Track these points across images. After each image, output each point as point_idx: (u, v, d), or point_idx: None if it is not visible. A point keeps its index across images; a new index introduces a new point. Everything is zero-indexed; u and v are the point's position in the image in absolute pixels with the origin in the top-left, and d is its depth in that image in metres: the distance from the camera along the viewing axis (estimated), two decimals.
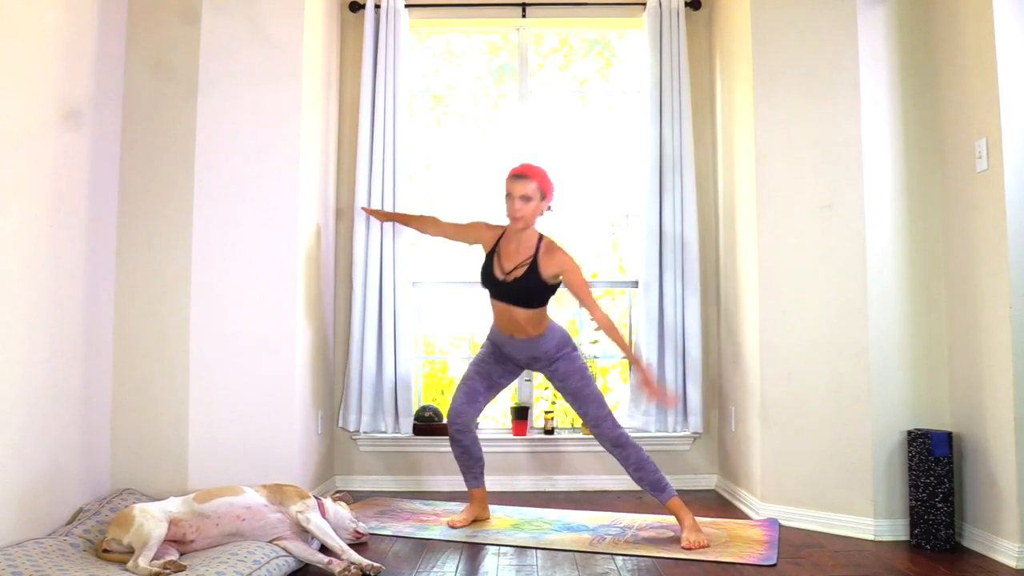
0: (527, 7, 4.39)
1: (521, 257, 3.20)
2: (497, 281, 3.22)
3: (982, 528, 2.91)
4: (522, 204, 3.15)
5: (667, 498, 3.11)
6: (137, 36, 3.34)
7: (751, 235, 3.59)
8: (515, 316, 3.21)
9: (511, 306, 3.20)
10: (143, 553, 2.41)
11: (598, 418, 3.18)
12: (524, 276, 3.17)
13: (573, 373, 3.23)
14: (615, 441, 3.16)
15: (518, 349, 3.28)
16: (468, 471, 3.39)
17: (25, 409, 2.64)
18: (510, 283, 3.18)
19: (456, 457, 3.39)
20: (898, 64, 3.29)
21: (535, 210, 3.18)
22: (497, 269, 3.23)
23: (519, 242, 3.23)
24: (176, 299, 3.29)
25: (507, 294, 3.20)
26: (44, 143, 2.77)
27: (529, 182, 3.15)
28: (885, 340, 3.20)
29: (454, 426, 3.33)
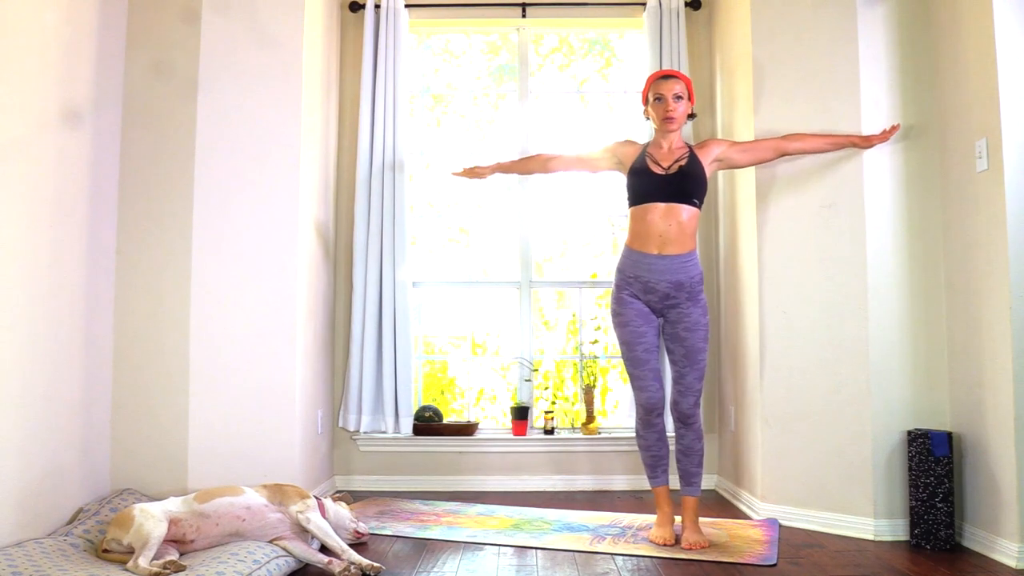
0: (527, 7, 4.39)
1: (676, 155, 3.06)
2: (659, 176, 3.01)
3: (982, 528, 2.91)
4: (676, 103, 3.04)
5: (687, 493, 3.06)
6: (137, 36, 3.35)
7: (751, 235, 3.59)
8: (678, 217, 2.98)
9: (675, 204, 2.98)
10: (143, 553, 2.42)
11: (692, 388, 3.02)
12: (687, 165, 3.03)
13: (703, 328, 3.02)
14: (688, 418, 3.03)
15: (665, 271, 2.98)
16: (659, 463, 3.10)
17: (25, 409, 2.64)
18: (674, 174, 3.01)
19: (647, 447, 3.09)
20: (898, 64, 3.29)
21: (686, 110, 3.10)
22: (655, 167, 3.04)
23: (669, 144, 3.09)
24: (176, 299, 3.29)
25: (671, 188, 2.99)
26: (44, 143, 2.77)
27: (678, 82, 3.06)
28: (885, 340, 3.20)
29: (654, 411, 3.04)
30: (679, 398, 3.05)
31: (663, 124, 3.07)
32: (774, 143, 3.23)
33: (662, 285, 3.00)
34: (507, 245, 4.49)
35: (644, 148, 3.15)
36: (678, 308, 3.03)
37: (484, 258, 4.57)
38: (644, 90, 3.16)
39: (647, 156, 3.10)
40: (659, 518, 3.11)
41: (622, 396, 4.40)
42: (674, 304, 3.03)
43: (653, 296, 3.03)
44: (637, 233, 3.05)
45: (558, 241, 4.60)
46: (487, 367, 4.62)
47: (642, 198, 3.05)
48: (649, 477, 3.15)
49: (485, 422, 4.43)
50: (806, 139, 3.23)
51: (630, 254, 3.07)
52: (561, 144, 4.45)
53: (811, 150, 3.25)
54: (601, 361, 4.41)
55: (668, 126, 3.07)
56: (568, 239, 4.61)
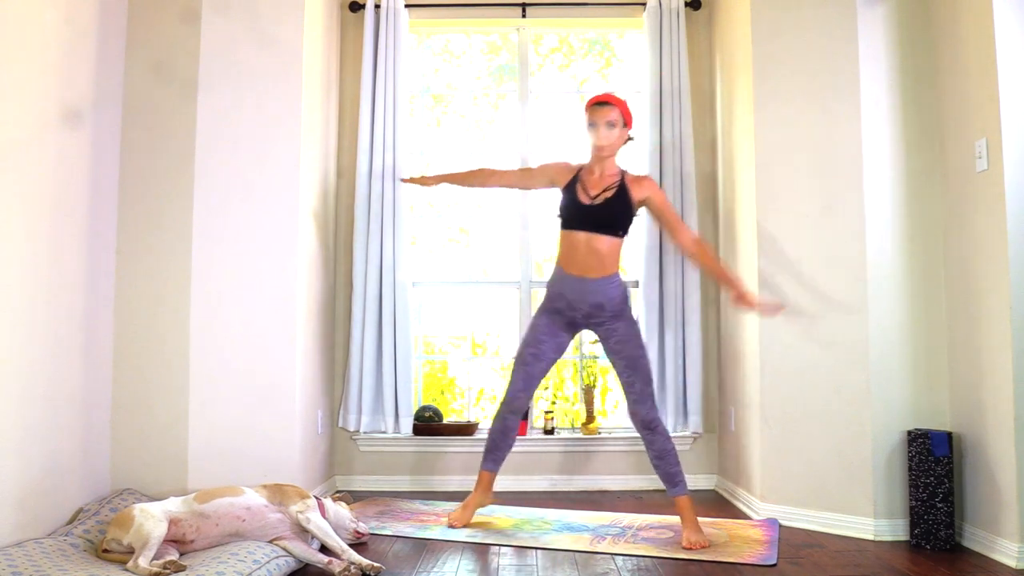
0: (527, 7, 4.39)
1: (607, 183, 3.14)
2: (584, 206, 3.12)
3: (982, 528, 2.91)
4: (608, 131, 3.10)
5: (676, 493, 3.08)
6: (137, 36, 3.34)
7: (751, 235, 3.59)
8: (597, 246, 3.10)
9: (595, 234, 3.10)
10: (143, 553, 2.42)
11: (643, 394, 3.11)
12: (614, 197, 3.10)
13: (634, 337, 3.14)
14: (649, 423, 3.10)
15: (587, 293, 3.12)
16: (495, 452, 3.30)
17: (25, 409, 2.64)
18: (599, 205, 3.10)
19: (491, 434, 3.30)
20: (898, 64, 3.29)
21: (620, 137, 3.14)
22: (582, 195, 3.14)
23: (602, 170, 3.17)
24: (176, 299, 3.29)
25: (595, 218, 3.10)
26: (44, 143, 2.77)
27: (612, 108, 3.11)
28: (885, 340, 3.20)
29: (509, 407, 3.25)
30: (636, 407, 3.13)
31: (594, 150, 3.16)
32: (686, 240, 3.18)
33: (583, 305, 3.15)
34: (507, 245, 4.49)
35: (578, 171, 3.23)
36: (604, 326, 3.17)
37: (484, 258, 4.57)
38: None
39: (578, 181, 3.19)
40: (467, 500, 3.31)
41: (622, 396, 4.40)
42: (599, 322, 3.18)
43: (577, 313, 3.18)
44: (562, 254, 3.21)
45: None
46: (487, 367, 4.62)
47: (567, 223, 3.18)
48: (482, 460, 3.34)
49: (485, 422, 4.42)
50: (706, 256, 3.22)
51: (557, 271, 3.23)
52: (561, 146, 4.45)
53: (703, 265, 3.26)
54: (601, 361, 4.41)
55: (598, 152, 3.15)
56: None
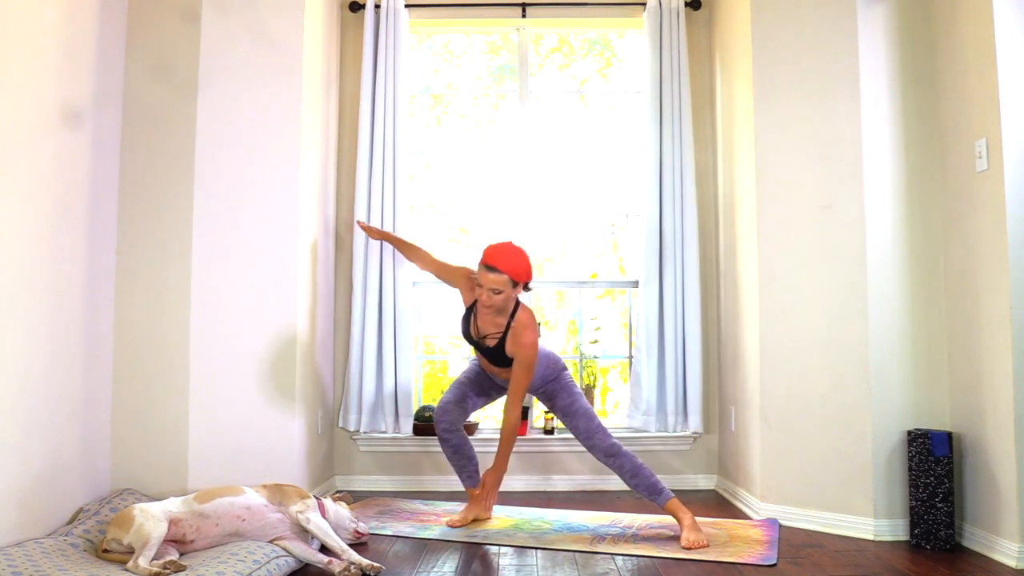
0: (527, 7, 4.39)
1: (494, 328, 3.24)
2: (473, 339, 3.31)
3: (982, 528, 2.91)
4: (491, 296, 3.13)
5: (665, 500, 3.12)
6: (137, 36, 3.34)
7: (751, 235, 3.59)
8: (494, 370, 3.33)
9: (488, 363, 3.32)
10: (143, 553, 2.41)
11: (589, 431, 3.22)
12: (496, 346, 3.23)
13: (559, 392, 3.29)
14: (608, 451, 3.19)
15: (505, 382, 3.34)
16: (462, 471, 3.41)
17: (25, 409, 2.64)
18: (485, 347, 3.27)
19: (448, 457, 3.42)
20: (898, 64, 3.29)
21: (507, 298, 3.15)
22: (473, 329, 3.31)
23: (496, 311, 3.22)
24: (176, 299, 3.29)
25: (483, 353, 3.30)
26: (44, 143, 2.77)
27: (500, 275, 3.09)
28: (885, 340, 3.20)
29: (440, 424, 3.35)
30: (589, 443, 3.23)
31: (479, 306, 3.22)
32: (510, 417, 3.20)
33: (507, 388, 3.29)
34: None
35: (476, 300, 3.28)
36: (539, 392, 3.35)
37: None
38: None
39: (474, 310, 3.30)
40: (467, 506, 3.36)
41: (622, 396, 4.41)
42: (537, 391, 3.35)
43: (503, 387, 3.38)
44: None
45: (558, 241, 4.60)
46: None
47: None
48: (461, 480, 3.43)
49: (485, 422, 4.43)
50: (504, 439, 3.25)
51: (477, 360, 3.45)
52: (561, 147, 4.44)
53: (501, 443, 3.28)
54: (601, 361, 4.41)
55: (484, 311, 3.22)
56: (568, 239, 4.61)
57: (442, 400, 3.39)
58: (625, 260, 4.61)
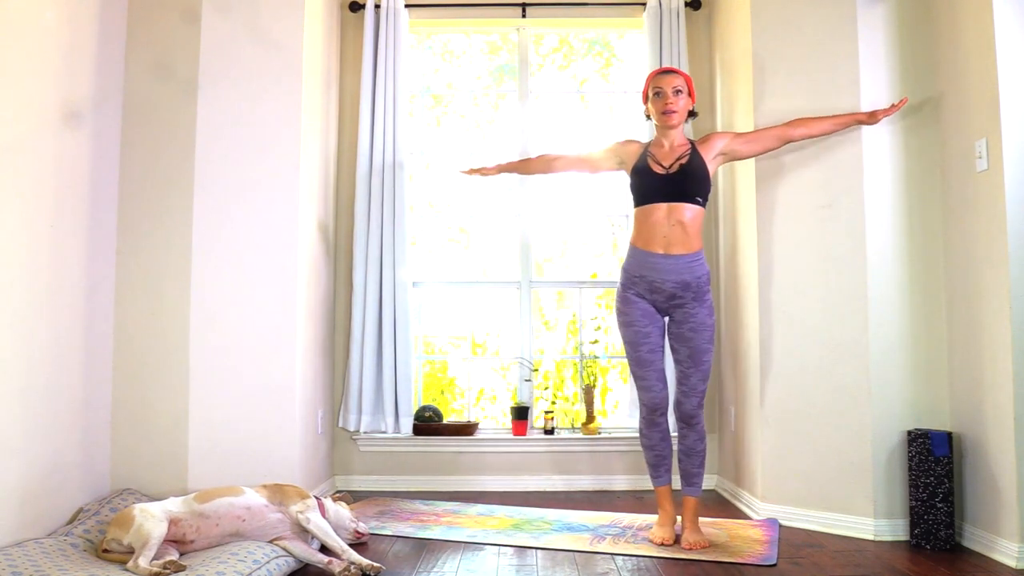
0: (527, 7, 4.39)
1: (678, 152, 3.04)
2: (660, 175, 3.00)
3: (982, 528, 2.91)
4: (675, 97, 3.01)
5: (689, 493, 3.06)
6: (137, 36, 3.35)
7: (751, 235, 3.59)
8: (680, 216, 2.96)
9: (677, 204, 2.96)
10: (143, 553, 2.42)
11: (696, 389, 3.01)
12: (689, 163, 3.00)
13: (707, 329, 3.00)
14: (691, 418, 3.03)
15: (670, 271, 2.96)
16: (662, 462, 3.11)
17: (25, 409, 2.64)
18: (675, 173, 2.99)
19: (651, 447, 3.10)
20: (898, 64, 3.29)
21: (687, 106, 3.08)
22: (656, 167, 3.02)
23: (671, 141, 3.07)
24: (176, 299, 3.29)
25: (673, 187, 2.98)
26: (44, 143, 2.77)
27: (677, 76, 3.05)
28: (885, 340, 3.20)
29: (658, 410, 3.05)
30: (683, 399, 3.05)
31: (663, 118, 3.05)
32: (778, 131, 3.21)
33: (668, 285, 2.98)
34: (507, 245, 4.49)
35: (646, 147, 3.14)
36: (684, 308, 3.01)
37: (484, 258, 4.57)
38: (644, 88, 3.15)
39: (648, 155, 3.08)
40: (660, 518, 3.12)
41: (622, 396, 4.40)
42: (680, 304, 3.01)
43: (659, 296, 3.01)
44: (641, 233, 3.03)
45: (558, 241, 4.60)
46: (487, 367, 4.62)
47: (645, 198, 3.04)
48: (652, 476, 3.16)
49: (485, 422, 4.43)
50: (810, 123, 3.21)
51: (636, 253, 3.04)
52: (562, 145, 4.45)
53: (817, 134, 3.23)
54: (601, 361, 4.41)
55: (668, 120, 3.04)
56: (568, 239, 4.61)
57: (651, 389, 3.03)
58: None
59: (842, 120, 3.22)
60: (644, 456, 3.18)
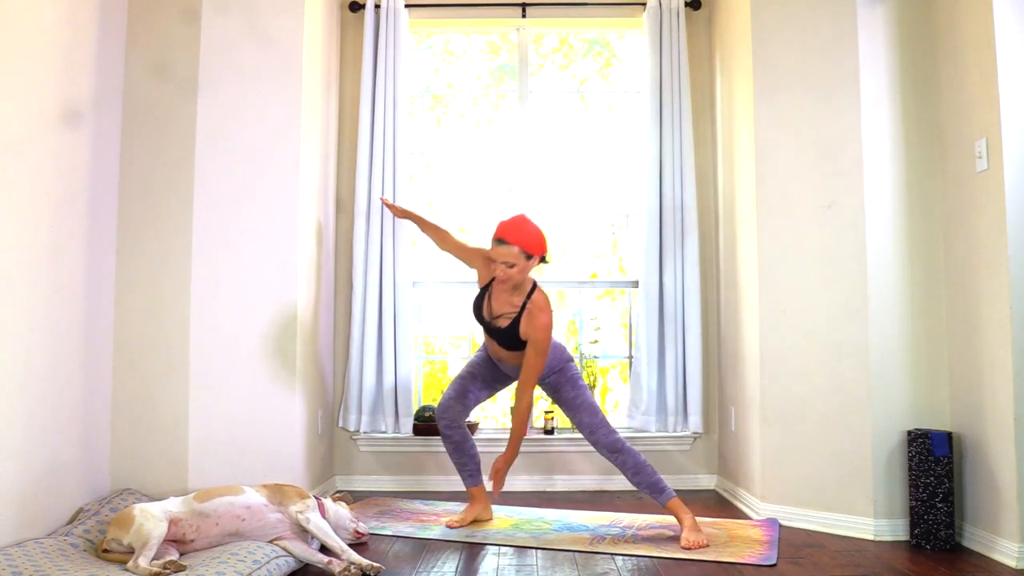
0: (527, 7, 4.39)
1: (508, 308, 3.19)
2: (484, 320, 3.27)
3: (982, 528, 2.91)
4: (505, 270, 3.09)
5: (666, 499, 3.11)
6: (137, 36, 3.34)
7: (751, 235, 3.59)
8: (500, 353, 3.27)
9: (496, 345, 3.26)
10: (143, 553, 2.41)
11: (592, 425, 3.19)
12: (508, 327, 3.17)
13: (564, 384, 3.25)
14: (611, 447, 3.17)
15: (511, 369, 3.32)
16: (463, 468, 3.39)
17: (25, 409, 2.64)
18: (495, 328, 3.22)
19: (449, 454, 3.39)
20: (898, 64, 3.29)
21: (522, 270, 3.10)
22: (486, 309, 3.25)
23: (512, 289, 3.19)
24: (176, 299, 3.29)
25: (492, 334, 3.25)
26: (44, 143, 2.77)
27: (511, 247, 3.05)
28: (885, 340, 3.20)
29: (442, 421, 3.34)
30: (593, 438, 3.20)
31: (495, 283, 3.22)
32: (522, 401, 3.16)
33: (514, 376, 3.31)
34: None
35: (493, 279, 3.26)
36: (544, 382, 3.28)
37: None
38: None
39: (488, 290, 3.26)
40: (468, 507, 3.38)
41: (622, 396, 4.41)
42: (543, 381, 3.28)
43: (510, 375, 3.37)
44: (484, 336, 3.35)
45: (558, 241, 4.60)
46: None
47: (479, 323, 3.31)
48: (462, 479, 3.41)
49: (485, 422, 4.43)
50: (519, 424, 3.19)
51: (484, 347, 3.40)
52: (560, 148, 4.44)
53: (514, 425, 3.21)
54: (601, 361, 4.41)
55: (499, 287, 3.20)
56: (568, 239, 4.61)
57: (443, 397, 3.37)
58: (625, 260, 4.61)
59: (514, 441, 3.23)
60: None
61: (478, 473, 3.41)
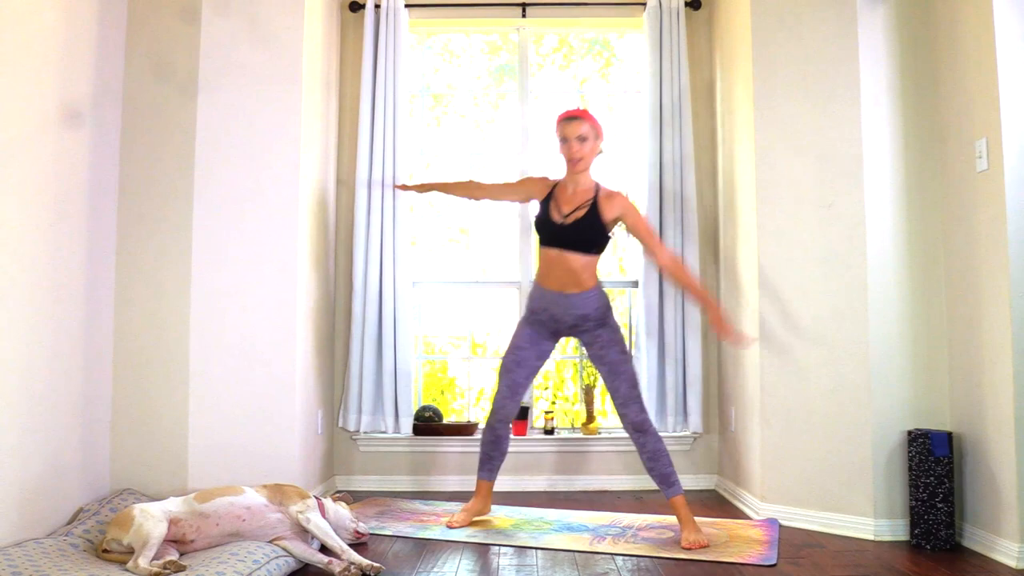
0: (527, 7, 4.39)
1: (579, 200, 3.15)
2: (555, 224, 3.14)
3: (982, 528, 2.91)
4: (580, 145, 3.11)
5: (673, 494, 3.09)
6: (137, 36, 3.34)
7: (751, 235, 3.59)
8: (571, 264, 3.12)
9: (567, 252, 3.12)
10: (143, 553, 2.42)
11: (628, 398, 3.12)
12: (584, 217, 3.10)
13: (616, 343, 3.16)
14: (639, 425, 3.12)
15: (567, 307, 3.15)
16: (489, 462, 3.35)
17: (25, 409, 2.64)
18: (569, 225, 3.12)
19: (483, 444, 3.35)
20: (898, 64, 3.29)
21: (592, 150, 3.15)
22: (555, 213, 3.16)
23: (576, 185, 3.18)
24: (176, 299, 3.29)
25: (565, 237, 3.12)
26: (44, 143, 2.77)
27: (583, 123, 3.13)
28: (885, 340, 3.20)
29: (496, 416, 3.30)
30: (623, 411, 3.14)
31: (568, 165, 3.18)
32: (662, 258, 3.16)
33: (567, 318, 3.18)
34: (507, 245, 4.49)
35: (553, 187, 3.25)
36: (588, 333, 3.19)
37: (484, 258, 4.57)
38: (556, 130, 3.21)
39: (552, 198, 3.21)
40: (467, 505, 3.35)
41: None
42: (584, 330, 3.20)
43: (561, 325, 3.22)
44: (541, 270, 3.23)
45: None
46: (487, 367, 4.62)
47: (543, 242, 3.21)
48: (478, 470, 3.39)
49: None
50: (683, 275, 3.18)
51: (537, 288, 3.25)
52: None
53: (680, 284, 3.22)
54: None
55: (573, 168, 3.17)
56: None
57: (497, 396, 3.31)
58: (625, 260, 4.61)
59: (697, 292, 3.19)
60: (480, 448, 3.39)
61: (498, 471, 3.38)
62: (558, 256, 3.15)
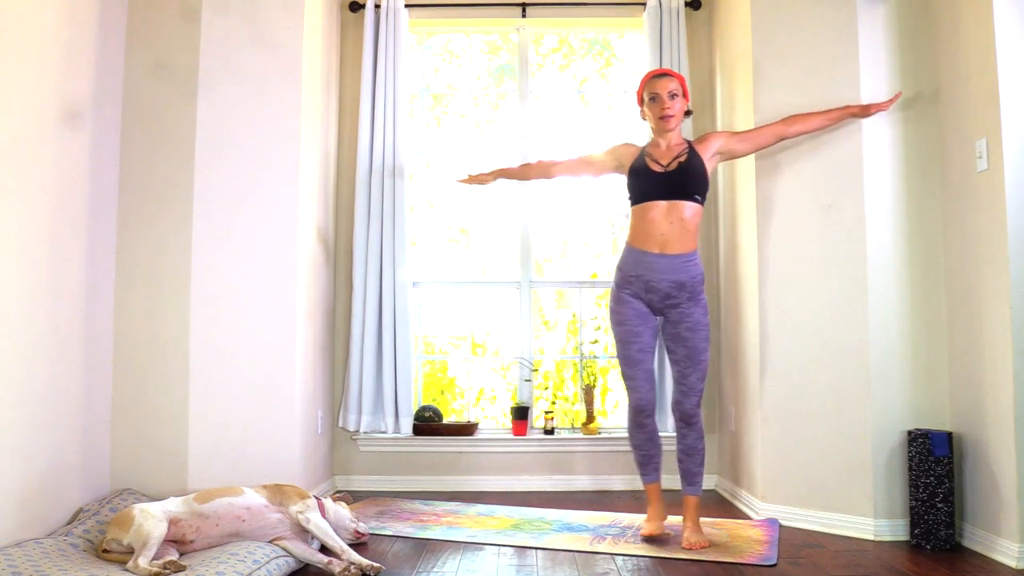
0: (527, 7, 4.39)
1: (676, 152, 3.06)
2: (658, 173, 3.01)
3: (982, 528, 2.91)
4: (671, 101, 3.03)
5: (691, 493, 3.06)
6: (137, 36, 3.34)
7: (751, 235, 3.59)
8: (680, 214, 2.98)
9: (675, 201, 2.98)
10: (143, 553, 2.41)
11: (693, 388, 3.04)
12: (687, 161, 3.02)
13: (703, 328, 3.03)
14: (689, 417, 3.05)
15: (664, 270, 2.98)
16: (650, 462, 3.12)
17: (25, 409, 2.64)
18: (674, 171, 3.00)
19: (638, 448, 3.11)
20: (898, 64, 3.29)
21: (683, 107, 3.10)
22: (654, 166, 3.04)
23: (668, 142, 3.09)
24: (176, 299, 3.29)
25: (672, 185, 2.99)
26: (44, 143, 2.77)
27: (672, 79, 3.06)
28: (885, 340, 3.20)
29: (644, 413, 3.07)
30: (682, 399, 3.07)
31: (660, 123, 3.07)
32: (774, 128, 3.23)
33: (663, 284, 3.00)
34: (507, 245, 4.49)
35: (643, 149, 3.16)
36: (679, 308, 3.03)
37: (484, 258, 4.57)
38: (639, 91, 3.16)
39: (646, 156, 3.10)
40: (649, 514, 3.14)
41: (622, 396, 4.40)
42: (675, 304, 3.03)
43: (654, 295, 3.03)
44: (638, 232, 3.05)
45: (558, 241, 4.60)
46: (487, 367, 4.62)
47: (644, 196, 3.05)
48: (641, 475, 3.18)
49: (485, 422, 4.43)
50: (805, 119, 3.22)
51: (631, 252, 3.07)
52: (561, 147, 4.45)
53: (812, 129, 3.24)
54: (601, 361, 4.41)
55: (665, 124, 3.06)
56: (568, 239, 4.61)
57: (636, 392, 3.05)
58: None
59: (836, 114, 3.22)
60: (633, 455, 3.19)
61: (662, 468, 3.17)
62: (665, 208, 2.99)
